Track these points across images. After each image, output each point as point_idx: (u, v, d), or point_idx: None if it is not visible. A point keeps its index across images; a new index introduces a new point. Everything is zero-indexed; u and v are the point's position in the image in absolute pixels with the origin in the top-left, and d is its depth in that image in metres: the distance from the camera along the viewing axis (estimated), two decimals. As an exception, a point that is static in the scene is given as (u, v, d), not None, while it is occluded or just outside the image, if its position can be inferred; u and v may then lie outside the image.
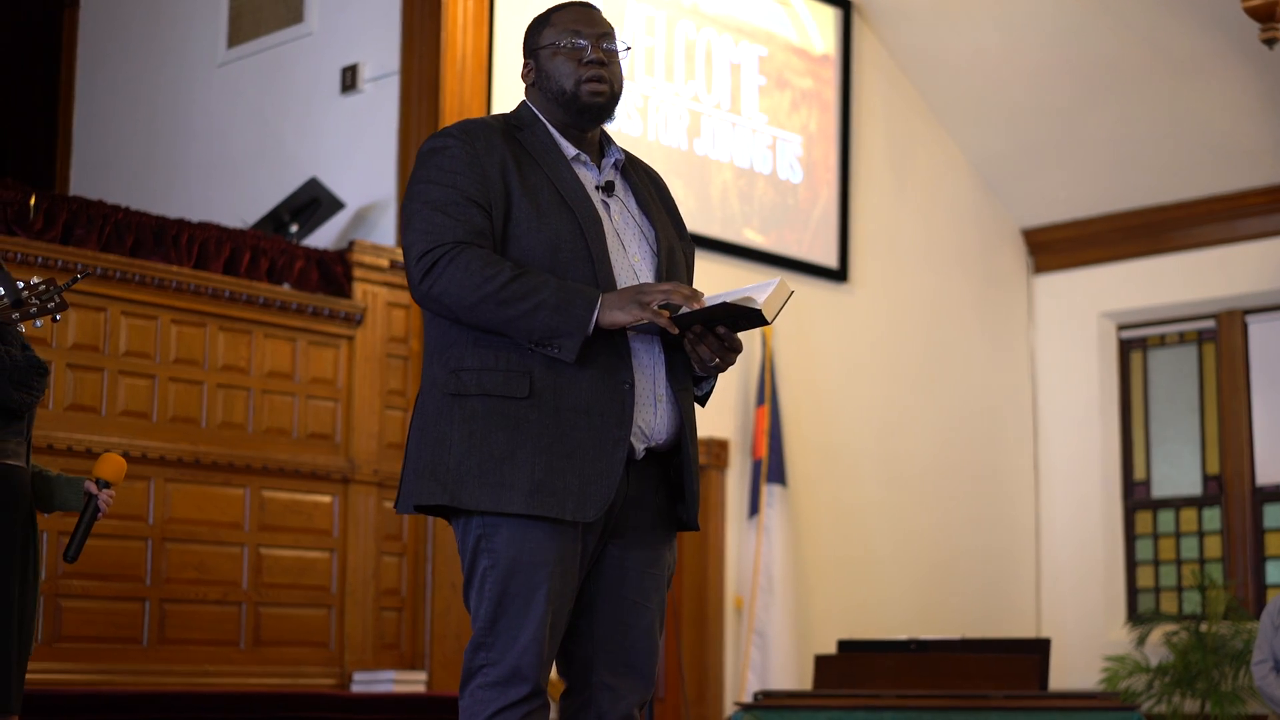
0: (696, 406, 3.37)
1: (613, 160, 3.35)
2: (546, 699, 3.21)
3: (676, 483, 3.29)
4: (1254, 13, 6.67)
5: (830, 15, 9.92)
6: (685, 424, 3.25)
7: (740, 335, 3.22)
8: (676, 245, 3.34)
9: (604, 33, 3.29)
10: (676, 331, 3.05)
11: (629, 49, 3.36)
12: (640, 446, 3.19)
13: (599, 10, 3.36)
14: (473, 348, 3.13)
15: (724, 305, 3.06)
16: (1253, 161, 9.95)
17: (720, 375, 3.33)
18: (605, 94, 3.26)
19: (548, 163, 3.23)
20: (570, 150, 3.28)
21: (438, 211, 3.13)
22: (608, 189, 3.29)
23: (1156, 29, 9.52)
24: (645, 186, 3.39)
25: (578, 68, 3.25)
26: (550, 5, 3.41)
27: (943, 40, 10.13)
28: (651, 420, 3.20)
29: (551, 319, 3.04)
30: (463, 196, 3.14)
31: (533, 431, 3.08)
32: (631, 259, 3.24)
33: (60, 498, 4.47)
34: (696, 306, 3.03)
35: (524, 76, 3.35)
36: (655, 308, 3.03)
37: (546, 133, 3.29)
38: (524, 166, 3.21)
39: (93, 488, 4.41)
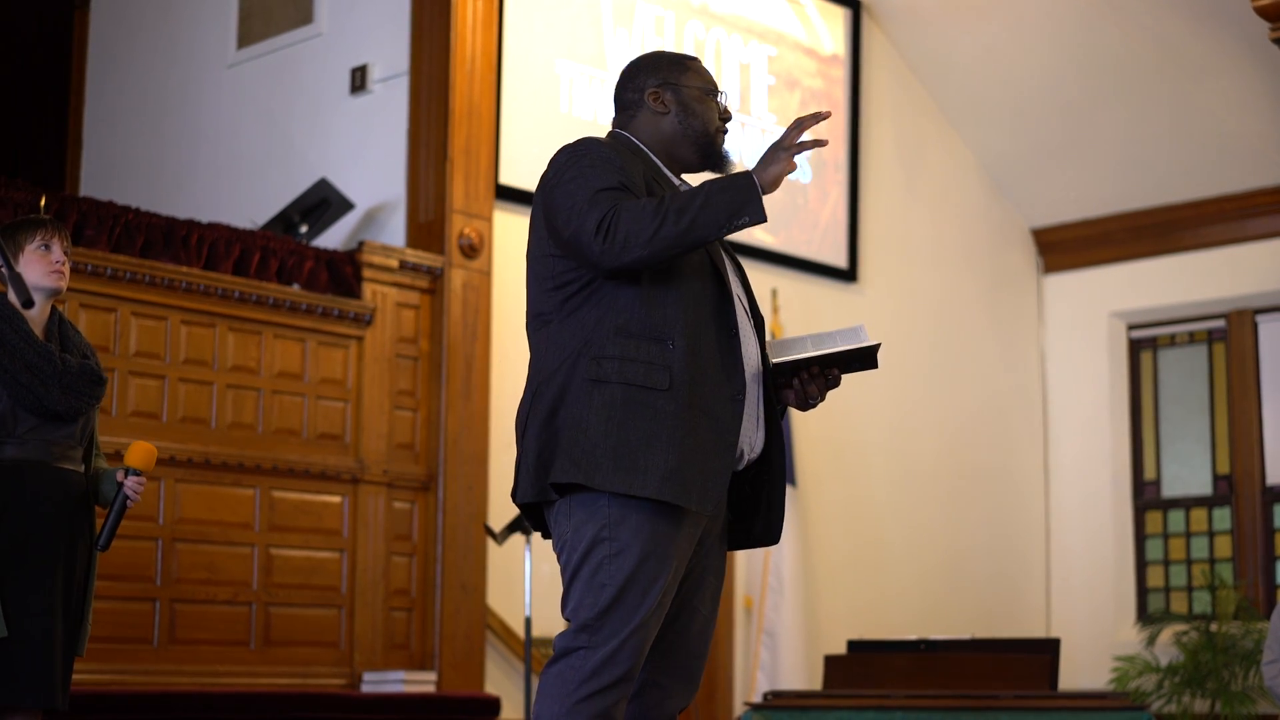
0: None
1: None
2: (631, 690, 3.25)
3: (750, 498, 3.45)
4: (1263, 12, 6.64)
5: (839, 15, 9.92)
6: (775, 445, 3.43)
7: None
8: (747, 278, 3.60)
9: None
10: (825, 143, 3.42)
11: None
12: (743, 461, 3.37)
13: None
14: (614, 337, 3.27)
15: (850, 351, 3.38)
16: (1262, 161, 9.93)
17: None
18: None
19: (666, 187, 3.46)
20: (672, 179, 3.54)
21: (601, 191, 3.29)
22: None
23: (1166, 28, 9.51)
24: None
25: (718, 119, 3.59)
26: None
27: (952, 40, 10.13)
28: (754, 435, 3.38)
29: (725, 197, 3.26)
30: (620, 184, 3.32)
31: (668, 423, 3.23)
32: (730, 280, 3.46)
33: (103, 491, 4.54)
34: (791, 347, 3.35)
35: (652, 101, 3.54)
36: (794, 146, 3.33)
37: (653, 160, 3.52)
38: (652, 184, 3.41)
39: (121, 476, 4.45)
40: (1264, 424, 10.14)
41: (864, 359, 3.40)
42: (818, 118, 3.28)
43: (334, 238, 8.13)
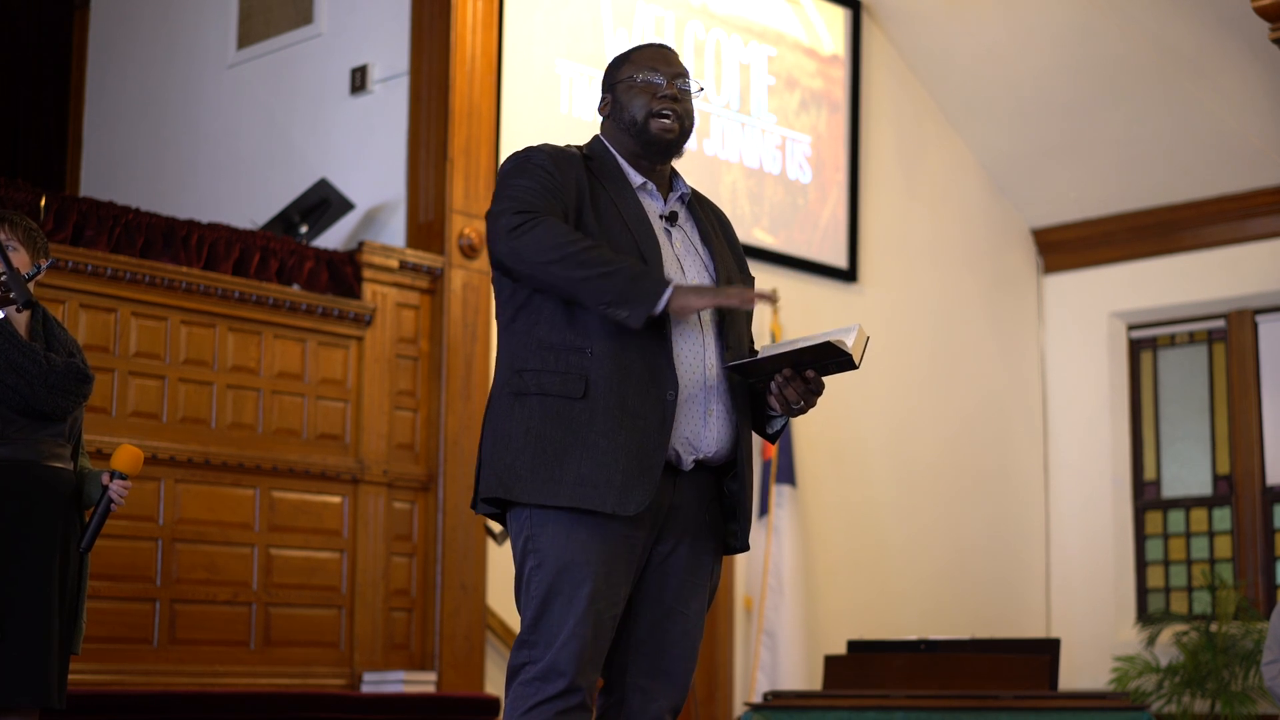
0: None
1: (679, 194, 3.53)
2: (586, 700, 3.24)
3: (729, 502, 3.42)
4: (1263, 12, 6.65)
5: (839, 15, 9.92)
6: (741, 446, 3.38)
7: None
8: (736, 278, 3.49)
9: (679, 73, 3.48)
10: (752, 306, 3.27)
11: (701, 89, 3.54)
12: (689, 458, 3.33)
13: (676, 53, 3.55)
14: (536, 350, 3.28)
15: (822, 349, 3.22)
16: (1262, 161, 9.93)
17: None
18: (674, 130, 3.45)
19: (613, 188, 3.40)
20: (636, 179, 3.46)
21: (527, 193, 3.30)
22: (670, 219, 3.47)
23: (1165, 28, 9.51)
24: (709, 222, 3.56)
25: (650, 101, 3.44)
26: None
27: (952, 40, 10.13)
28: (700, 432, 3.33)
29: (627, 286, 3.17)
30: (547, 189, 3.31)
31: (583, 431, 3.22)
32: (690, 282, 3.38)
33: (87, 493, 4.53)
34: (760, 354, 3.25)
35: (600, 110, 3.54)
36: (723, 299, 3.21)
37: (615, 162, 3.47)
38: (593, 189, 3.37)
39: (106, 479, 4.44)
40: (1264, 424, 10.14)
41: (838, 359, 3.25)
42: (766, 298, 3.20)
43: (334, 238, 8.13)
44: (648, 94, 3.43)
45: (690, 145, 9.02)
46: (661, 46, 3.54)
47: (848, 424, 9.66)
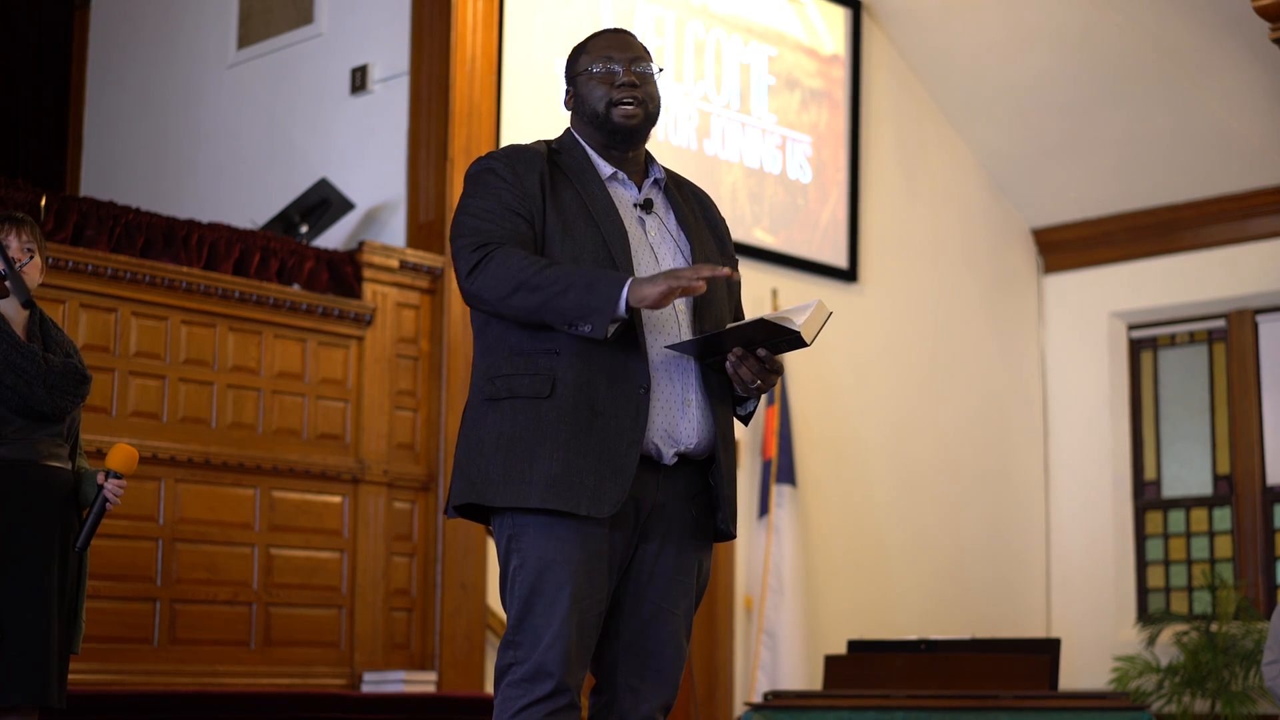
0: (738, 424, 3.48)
1: (653, 179, 3.45)
2: (574, 699, 3.23)
3: (714, 492, 3.37)
4: (1263, 12, 6.66)
5: (840, 15, 9.92)
6: (720, 433, 3.33)
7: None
8: (716, 260, 3.44)
9: (636, 56, 3.41)
10: (702, 289, 3.12)
11: (661, 70, 3.46)
12: (669, 451, 3.28)
13: (633, 35, 3.48)
14: (509, 356, 3.26)
15: (763, 326, 3.16)
16: (1262, 160, 9.93)
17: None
18: (637, 115, 3.38)
19: (581, 181, 3.35)
20: (606, 170, 3.40)
21: (483, 219, 3.27)
22: (645, 206, 3.40)
23: (1166, 28, 9.51)
24: (689, 205, 3.49)
25: (610, 90, 3.37)
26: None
27: (953, 40, 10.13)
28: (680, 425, 3.28)
29: (582, 296, 3.11)
30: (505, 208, 3.28)
31: (552, 430, 3.18)
32: (658, 269, 3.31)
33: (84, 492, 4.54)
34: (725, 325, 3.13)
35: (566, 104, 3.47)
36: (685, 285, 3.08)
37: (584, 154, 3.40)
38: (558, 185, 3.33)
39: (101, 478, 4.45)
40: (1264, 424, 10.14)
41: (788, 338, 3.19)
42: (725, 276, 3.12)
43: (334, 238, 8.13)
44: (606, 83, 3.36)
45: (690, 145, 9.12)
46: (619, 32, 3.47)
47: (848, 424, 9.66)
